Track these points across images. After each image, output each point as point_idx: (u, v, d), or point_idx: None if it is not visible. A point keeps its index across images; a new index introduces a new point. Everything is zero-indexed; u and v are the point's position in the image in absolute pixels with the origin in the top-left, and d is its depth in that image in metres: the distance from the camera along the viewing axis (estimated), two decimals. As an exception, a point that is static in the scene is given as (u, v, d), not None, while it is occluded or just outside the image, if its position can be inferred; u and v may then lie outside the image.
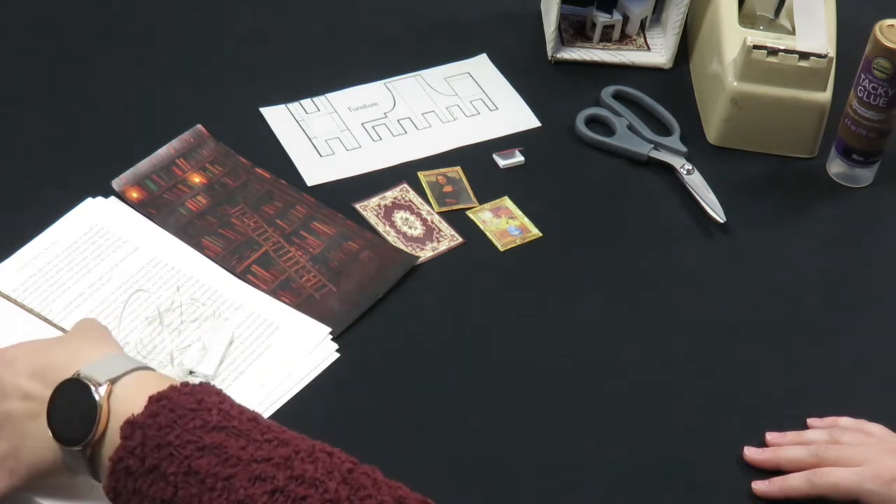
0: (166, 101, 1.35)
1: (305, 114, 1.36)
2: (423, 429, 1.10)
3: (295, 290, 1.18)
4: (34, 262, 1.17)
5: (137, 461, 0.85)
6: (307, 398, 1.11)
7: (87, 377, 0.88)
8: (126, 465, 0.85)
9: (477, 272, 1.23)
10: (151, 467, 0.84)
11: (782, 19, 1.41)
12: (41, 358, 0.92)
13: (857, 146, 1.32)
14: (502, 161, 1.33)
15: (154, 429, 0.85)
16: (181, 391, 0.88)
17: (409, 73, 1.42)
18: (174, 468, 0.84)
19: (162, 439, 0.84)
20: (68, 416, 0.88)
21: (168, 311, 1.15)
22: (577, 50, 1.46)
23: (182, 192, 1.26)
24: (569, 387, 1.14)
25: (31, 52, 1.39)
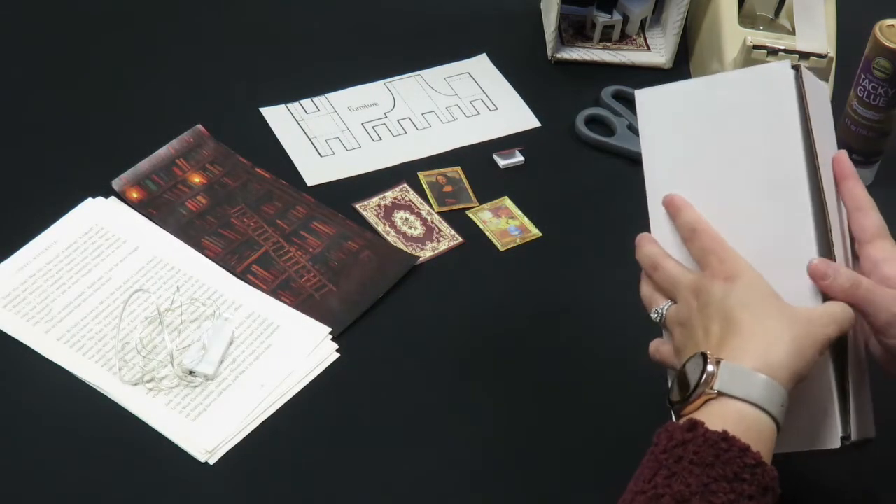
0: (166, 101, 1.35)
1: (305, 114, 1.36)
2: (423, 429, 1.10)
3: (295, 290, 1.18)
4: (34, 262, 1.17)
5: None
6: (307, 398, 1.11)
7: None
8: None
9: (477, 272, 1.23)
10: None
11: (782, 19, 1.41)
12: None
13: (856, 146, 1.32)
14: (502, 161, 1.33)
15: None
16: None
17: (409, 73, 1.42)
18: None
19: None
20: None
21: (168, 311, 1.15)
22: (577, 50, 1.46)
23: (182, 192, 1.26)
24: (569, 387, 1.14)
25: (32, 52, 1.39)
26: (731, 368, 0.88)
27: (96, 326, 1.13)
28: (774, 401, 0.88)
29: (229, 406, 1.09)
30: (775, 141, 0.98)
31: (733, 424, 0.86)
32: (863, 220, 1.00)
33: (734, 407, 0.88)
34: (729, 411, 0.88)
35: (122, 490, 1.03)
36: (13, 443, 1.06)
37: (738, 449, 0.85)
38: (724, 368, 0.88)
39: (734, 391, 0.88)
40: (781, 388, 0.88)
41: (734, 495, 0.84)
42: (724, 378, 0.88)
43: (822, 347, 0.91)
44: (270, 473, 1.05)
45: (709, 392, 0.88)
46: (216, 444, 1.06)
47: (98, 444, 1.06)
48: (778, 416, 0.88)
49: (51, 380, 1.10)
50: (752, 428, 0.87)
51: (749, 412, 0.88)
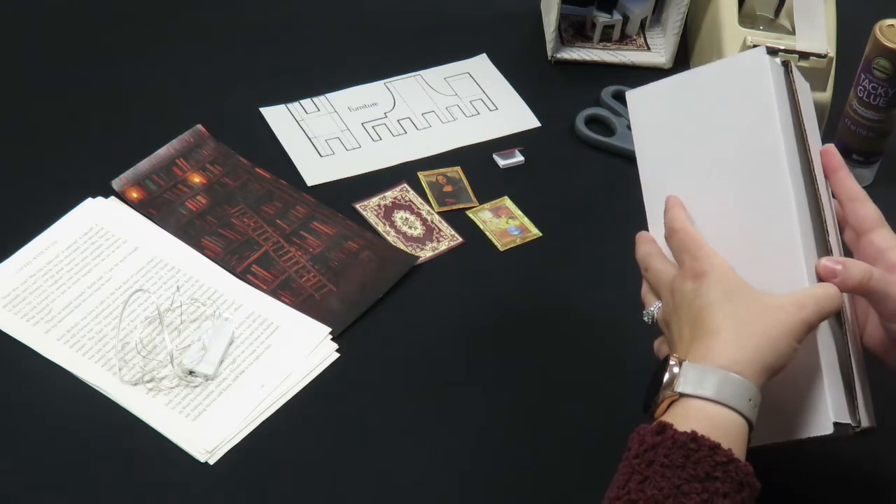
0: (166, 101, 1.35)
1: (305, 114, 1.36)
2: (423, 429, 1.10)
3: (295, 290, 1.18)
4: (34, 262, 1.17)
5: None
6: (307, 398, 1.11)
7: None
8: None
9: (477, 272, 1.23)
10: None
11: (782, 19, 1.41)
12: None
13: (856, 146, 1.32)
14: (502, 161, 1.33)
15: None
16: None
17: (409, 73, 1.42)
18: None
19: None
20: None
21: (168, 311, 1.15)
22: (577, 50, 1.46)
23: (182, 192, 1.26)
24: (570, 386, 1.14)
25: (32, 53, 1.39)
26: (693, 369, 0.89)
27: (96, 326, 1.13)
28: (741, 397, 0.88)
29: (229, 406, 1.09)
30: (755, 128, 0.98)
31: (701, 424, 0.87)
32: (860, 209, 1.00)
33: (700, 407, 0.88)
34: (696, 412, 0.88)
35: (121, 490, 1.03)
36: (13, 443, 1.06)
37: (707, 448, 0.85)
38: (688, 369, 0.89)
39: (697, 391, 0.88)
40: (749, 383, 0.88)
41: (707, 494, 0.84)
42: (687, 379, 0.89)
43: (797, 335, 0.91)
44: (270, 473, 1.05)
45: (671, 394, 0.89)
46: (216, 444, 1.06)
47: (98, 444, 1.06)
48: (746, 411, 0.88)
49: (51, 380, 1.10)
50: (721, 426, 0.87)
51: (715, 411, 0.88)
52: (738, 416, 0.88)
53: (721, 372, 0.88)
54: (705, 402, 0.88)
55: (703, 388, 0.88)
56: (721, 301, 0.92)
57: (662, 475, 0.85)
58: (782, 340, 0.90)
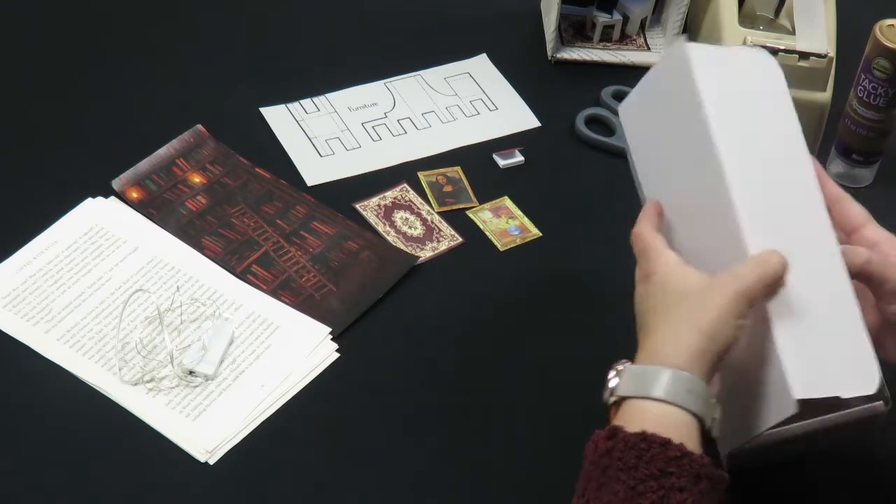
0: (166, 101, 1.35)
1: (305, 114, 1.36)
2: (423, 429, 1.10)
3: (295, 290, 1.18)
4: (34, 262, 1.17)
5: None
6: (307, 398, 1.11)
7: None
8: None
9: (477, 272, 1.23)
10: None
11: (782, 19, 1.41)
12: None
13: (856, 146, 1.32)
14: (502, 161, 1.33)
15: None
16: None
17: (409, 73, 1.42)
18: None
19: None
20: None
21: (168, 311, 1.15)
22: (577, 50, 1.46)
23: (182, 192, 1.26)
24: (569, 386, 1.14)
25: (32, 53, 1.39)
26: (632, 371, 0.90)
27: (96, 326, 1.13)
28: (681, 391, 0.88)
29: (229, 406, 1.09)
30: (691, 118, 1.00)
31: (649, 423, 0.87)
32: (849, 208, 1.02)
33: (645, 407, 0.88)
34: (642, 412, 0.88)
35: (122, 490, 1.03)
36: (13, 443, 1.06)
37: (658, 445, 0.85)
38: (627, 373, 0.90)
39: (637, 392, 0.89)
40: (688, 376, 0.88)
41: (663, 491, 0.84)
42: (626, 381, 0.90)
43: (735, 311, 0.89)
44: (270, 473, 1.05)
45: (614, 399, 0.90)
46: (216, 444, 1.06)
47: (98, 444, 1.06)
48: (690, 405, 0.88)
49: (51, 380, 1.10)
50: (668, 423, 0.87)
51: (659, 409, 0.88)
52: (681, 412, 0.88)
53: (657, 369, 0.89)
54: (648, 402, 0.88)
55: (642, 388, 0.89)
56: (661, 300, 0.93)
57: (618, 479, 0.85)
58: (719, 322, 0.89)
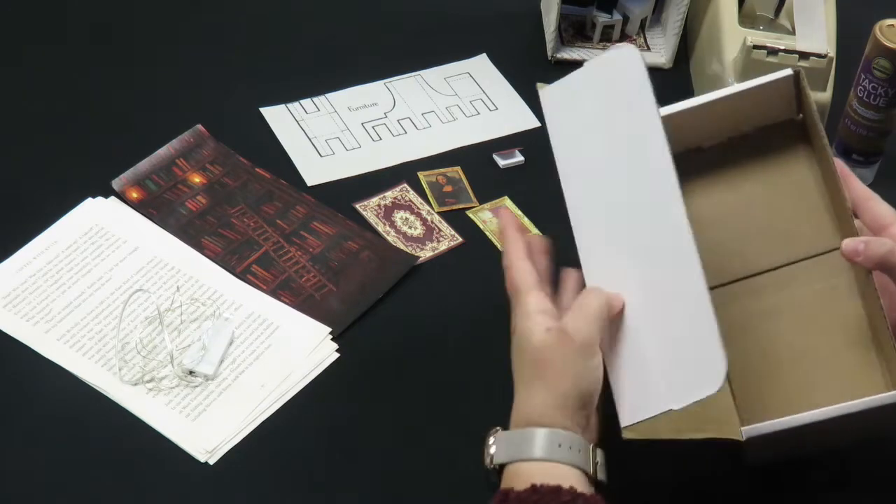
0: (166, 101, 1.35)
1: (305, 114, 1.36)
2: (422, 429, 1.10)
3: (295, 290, 1.18)
4: (34, 262, 1.17)
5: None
6: (307, 398, 1.11)
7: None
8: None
9: (477, 272, 1.23)
10: None
11: (782, 19, 1.41)
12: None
13: (856, 146, 1.32)
14: (502, 161, 1.33)
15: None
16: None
17: (409, 73, 1.42)
18: None
19: None
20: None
21: (168, 311, 1.15)
22: (577, 50, 1.46)
23: (182, 192, 1.26)
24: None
25: (32, 53, 1.39)
26: (501, 437, 0.90)
27: (96, 326, 1.13)
28: (549, 447, 0.88)
29: (229, 406, 1.09)
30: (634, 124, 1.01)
31: (538, 479, 0.86)
32: (877, 207, 1.03)
33: (529, 467, 0.88)
34: (528, 472, 0.88)
35: (122, 490, 1.03)
36: (13, 443, 1.06)
37: (550, 493, 0.85)
38: (501, 439, 0.90)
39: (516, 456, 0.89)
40: (561, 432, 0.88)
41: None
42: (503, 448, 0.90)
43: (586, 355, 0.90)
44: (270, 473, 1.05)
45: (491, 466, 0.90)
46: (216, 444, 1.06)
47: (98, 444, 1.06)
48: (570, 459, 0.88)
49: (51, 380, 1.10)
50: (555, 476, 0.87)
51: (543, 466, 0.88)
52: (564, 465, 0.88)
53: (529, 431, 0.89)
54: (530, 463, 0.88)
55: (520, 452, 0.89)
56: (518, 359, 0.93)
57: None
58: (571, 376, 0.90)
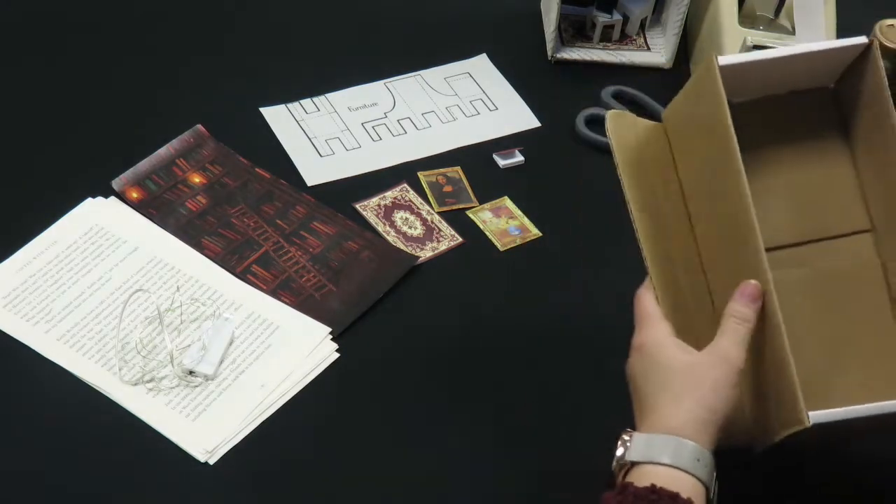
0: (166, 101, 1.35)
1: (305, 114, 1.36)
2: (423, 429, 1.10)
3: (295, 290, 1.18)
4: (34, 262, 1.17)
5: None
6: (307, 398, 1.11)
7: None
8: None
9: (477, 272, 1.23)
10: None
11: (782, 19, 1.41)
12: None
13: (857, 146, 1.32)
14: (502, 161, 1.33)
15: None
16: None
17: (409, 73, 1.42)
18: None
19: None
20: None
21: (168, 311, 1.15)
22: (577, 50, 1.46)
23: (182, 192, 1.26)
24: (569, 387, 1.14)
25: (31, 53, 1.39)
26: (641, 438, 0.93)
27: (96, 326, 1.13)
28: (688, 458, 0.91)
29: (229, 406, 1.09)
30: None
31: (660, 481, 0.90)
32: None
33: (653, 469, 0.91)
34: (650, 473, 0.91)
35: (122, 490, 1.03)
36: (13, 443, 1.06)
37: (668, 498, 0.88)
38: (636, 439, 0.93)
39: (647, 457, 0.92)
40: (693, 445, 0.91)
41: None
42: (637, 448, 0.93)
43: (731, 383, 0.94)
44: (270, 473, 1.05)
45: (623, 462, 0.92)
46: (216, 444, 1.06)
47: (98, 444, 1.06)
48: (697, 472, 0.91)
49: (51, 380, 1.10)
50: (675, 484, 0.90)
51: (667, 472, 0.91)
52: (689, 477, 0.91)
53: (665, 437, 0.92)
54: (656, 466, 0.91)
55: (652, 454, 0.92)
56: (654, 372, 0.96)
57: None
58: (716, 394, 0.93)
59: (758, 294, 0.94)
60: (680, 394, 0.94)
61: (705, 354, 0.95)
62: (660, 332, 0.98)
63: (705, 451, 0.92)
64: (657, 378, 0.95)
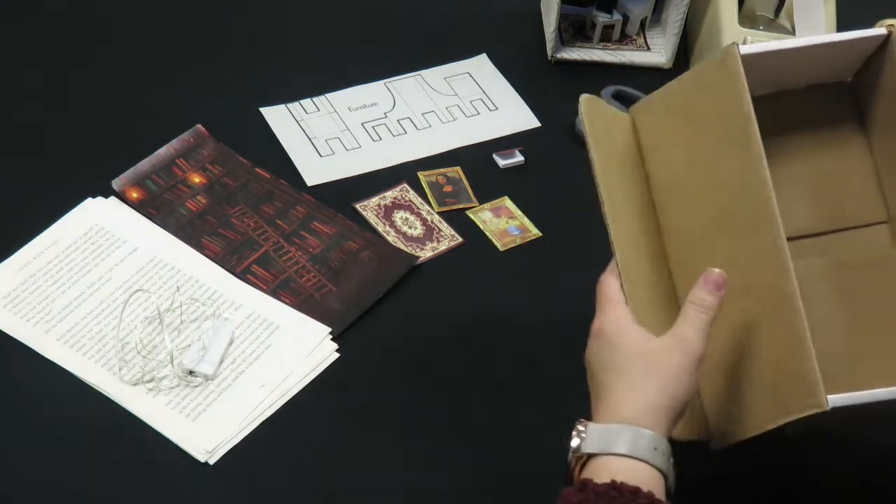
0: (166, 101, 1.35)
1: (305, 114, 1.36)
2: (422, 429, 1.10)
3: (295, 290, 1.18)
4: (34, 262, 1.17)
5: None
6: (307, 398, 1.11)
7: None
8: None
9: (477, 272, 1.23)
10: None
11: (782, 19, 1.41)
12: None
13: (857, 146, 1.32)
14: (502, 161, 1.33)
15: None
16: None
17: (409, 73, 1.42)
18: None
19: None
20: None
21: (168, 311, 1.15)
22: (577, 50, 1.46)
23: (182, 192, 1.26)
24: (569, 387, 1.14)
25: (31, 53, 1.39)
26: (597, 429, 0.91)
27: (96, 326, 1.13)
28: (645, 448, 0.89)
29: (229, 406, 1.09)
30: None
31: (619, 475, 0.88)
32: None
33: (610, 461, 0.90)
34: (608, 466, 0.89)
35: (121, 490, 1.03)
36: (13, 442, 1.06)
37: (629, 493, 0.86)
38: (592, 430, 0.91)
39: (604, 449, 0.90)
40: (650, 433, 0.90)
41: None
42: (592, 439, 0.90)
43: (690, 368, 0.92)
44: (270, 473, 1.05)
45: (579, 454, 0.91)
46: (216, 444, 1.06)
47: (98, 444, 1.06)
48: (655, 461, 0.89)
49: (51, 380, 1.10)
50: (635, 476, 0.88)
51: (625, 463, 0.89)
52: (647, 466, 0.89)
53: (620, 426, 0.90)
54: (613, 457, 0.90)
55: (609, 445, 0.90)
56: (611, 358, 0.94)
57: None
58: (676, 381, 0.92)
59: (722, 282, 0.93)
60: (638, 380, 0.92)
61: (665, 339, 0.92)
62: (620, 318, 0.95)
63: (662, 440, 0.90)
64: (615, 364, 0.93)
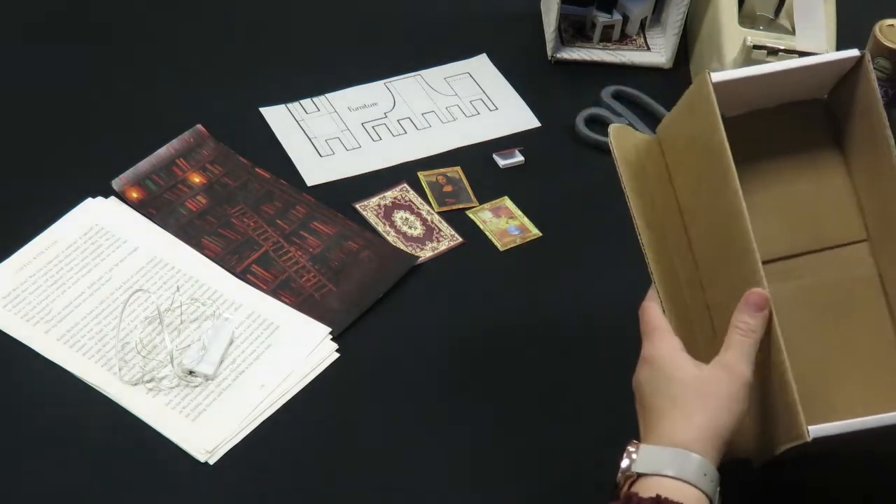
0: (166, 101, 1.35)
1: (305, 114, 1.36)
2: (422, 429, 1.10)
3: (295, 290, 1.18)
4: (34, 262, 1.17)
5: None
6: (307, 398, 1.11)
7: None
8: None
9: (477, 272, 1.23)
10: None
11: (782, 19, 1.41)
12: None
13: (857, 146, 1.32)
14: (502, 161, 1.33)
15: None
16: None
17: (409, 73, 1.42)
18: None
19: None
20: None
21: (168, 311, 1.15)
22: (577, 50, 1.46)
23: (182, 192, 1.26)
24: (569, 387, 1.14)
25: (31, 53, 1.39)
26: (648, 450, 0.93)
27: (96, 326, 1.13)
28: (695, 472, 0.91)
29: (229, 406, 1.09)
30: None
31: (665, 492, 0.90)
32: None
33: (659, 481, 0.91)
34: (655, 485, 0.91)
35: (121, 490, 1.03)
36: (13, 443, 1.06)
37: None
38: (643, 451, 0.93)
39: (653, 469, 0.92)
40: (700, 459, 0.91)
41: None
42: (643, 460, 0.92)
43: (738, 398, 0.93)
44: (270, 473, 1.05)
45: (629, 473, 0.92)
46: (216, 444, 1.06)
47: (98, 444, 1.06)
48: (702, 485, 0.91)
49: (51, 380, 1.10)
50: (683, 496, 0.90)
51: (672, 484, 0.91)
52: (694, 490, 0.91)
53: (671, 450, 0.92)
54: (662, 479, 0.91)
55: (658, 466, 0.92)
56: (664, 385, 0.96)
57: None
58: (724, 409, 0.93)
59: (763, 303, 0.94)
60: (690, 408, 0.94)
61: (714, 369, 0.94)
62: (670, 346, 0.97)
63: (711, 466, 0.92)
64: (668, 391, 0.95)
